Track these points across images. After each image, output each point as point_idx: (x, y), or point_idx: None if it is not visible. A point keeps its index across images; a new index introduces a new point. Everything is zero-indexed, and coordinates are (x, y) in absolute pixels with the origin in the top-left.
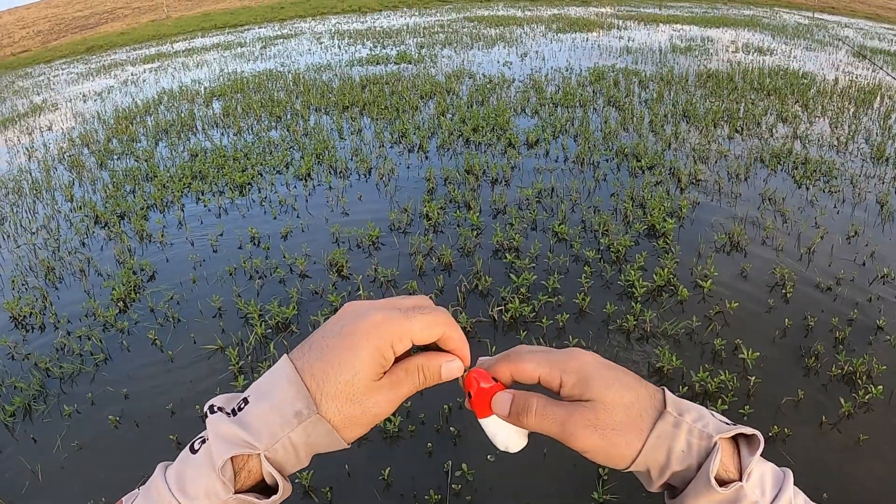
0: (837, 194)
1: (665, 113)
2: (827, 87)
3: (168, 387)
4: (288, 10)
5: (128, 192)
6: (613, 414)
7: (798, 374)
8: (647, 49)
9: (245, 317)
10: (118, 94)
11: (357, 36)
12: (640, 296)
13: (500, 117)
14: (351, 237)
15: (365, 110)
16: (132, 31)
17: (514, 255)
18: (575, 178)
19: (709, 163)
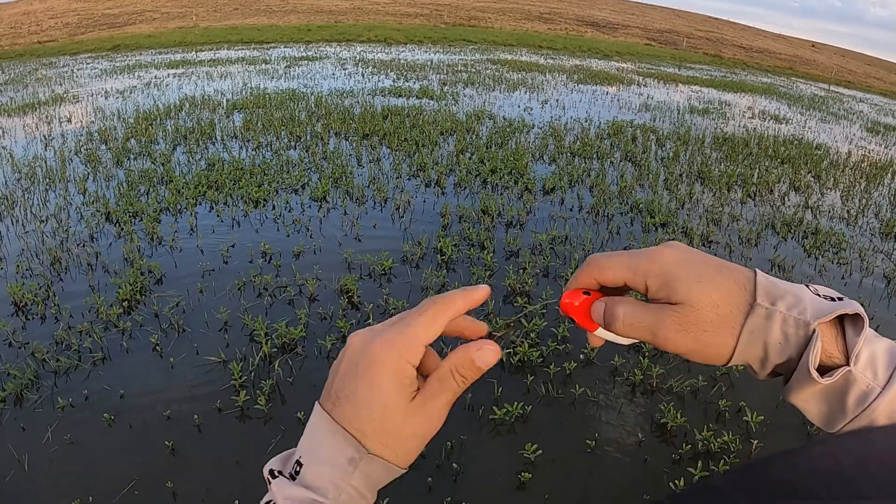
0: (846, 266)
1: (681, 172)
2: (840, 160)
3: (166, 393)
4: (314, 34)
5: (142, 192)
6: (703, 314)
7: (801, 440)
8: (665, 107)
9: (251, 333)
10: (140, 95)
11: (381, 66)
12: (648, 351)
13: (519, 161)
14: (363, 264)
15: (385, 140)
16: (159, 35)
17: (526, 299)
18: (589, 229)
19: (721, 225)
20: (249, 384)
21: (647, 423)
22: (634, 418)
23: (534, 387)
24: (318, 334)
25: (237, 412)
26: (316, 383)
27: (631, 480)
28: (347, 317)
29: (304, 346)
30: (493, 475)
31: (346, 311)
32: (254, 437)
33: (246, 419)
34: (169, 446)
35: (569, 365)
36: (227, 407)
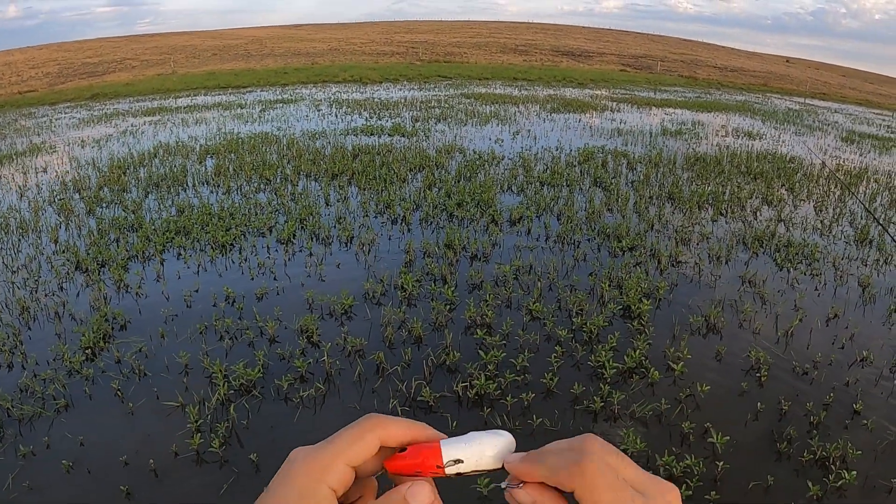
0: (819, 277)
1: (650, 195)
2: (814, 171)
3: (125, 439)
4: (291, 76)
5: (111, 240)
6: None
7: (769, 459)
8: (637, 131)
9: (210, 376)
10: (115, 144)
11: (355, 105)
12: (609, 377)
13: (486, 193)
14: (324, 304)
15: (354, 179)
16: (138, 83)
17: (486, 331)
18: (554, 257)
19: (690, 245)
20: (206, 427)
21: None
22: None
23: (491, 419)
24: (276, 375)
25: (193, 455)
26: (272, 425)
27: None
28: (306, 355)
29: (261, 388)
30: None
31: (306, 350)
32: (207, 480)
33: (202, 462)
34: (124, 491)
35: (526, 396)
36: (182, 451)
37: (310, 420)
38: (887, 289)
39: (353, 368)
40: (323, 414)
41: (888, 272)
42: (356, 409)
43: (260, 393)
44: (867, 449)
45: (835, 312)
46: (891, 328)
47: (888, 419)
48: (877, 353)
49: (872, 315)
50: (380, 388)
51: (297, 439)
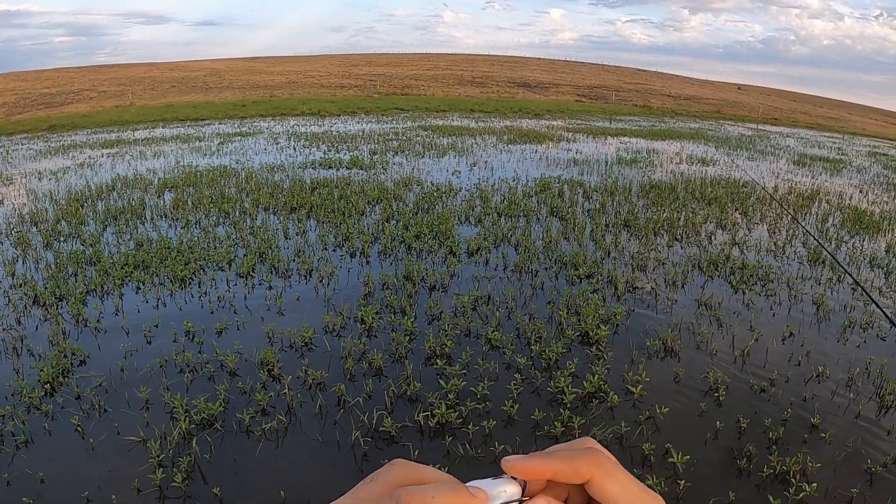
0: (774, 297)
1: (607, 223)
2: (766, 195)
3: (86, 475)
4: (249, 109)
5: (70, 274)
6: None
7: (730, 476)
8: (593, 161)
9: (171, 411)
10: (73, 176)
11: (313, 139)
12: (569, 402)
13: (444, 225)
14: (284, 337)
15: (312, 213)
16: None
17: (446, 361)
18: (512, 286)
19: (647, 270)
20: (168, 462)
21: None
22: None
23: (453, 448)
24: (237, 408)
25: (156, 491)
26: (235, 458)
27: None
28: (267, 389)
29: (223, 422)
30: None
31: (266, 383)
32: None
33: (164, 498)
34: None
35: (487, 423)
36: (145, 486)
37: (272, 453)
38: (841, 305)
39: (315, 401)
40: (285, 447)
41: (841, 290)
42: (318, 440)
43: (222, 426)
44: (826, 461)
45: (790, 331)
46: (845, 343)
47: (846, 432)
48: (832, 368)
49: (827, 332)
50: (341, 420)
51: (260, 472)
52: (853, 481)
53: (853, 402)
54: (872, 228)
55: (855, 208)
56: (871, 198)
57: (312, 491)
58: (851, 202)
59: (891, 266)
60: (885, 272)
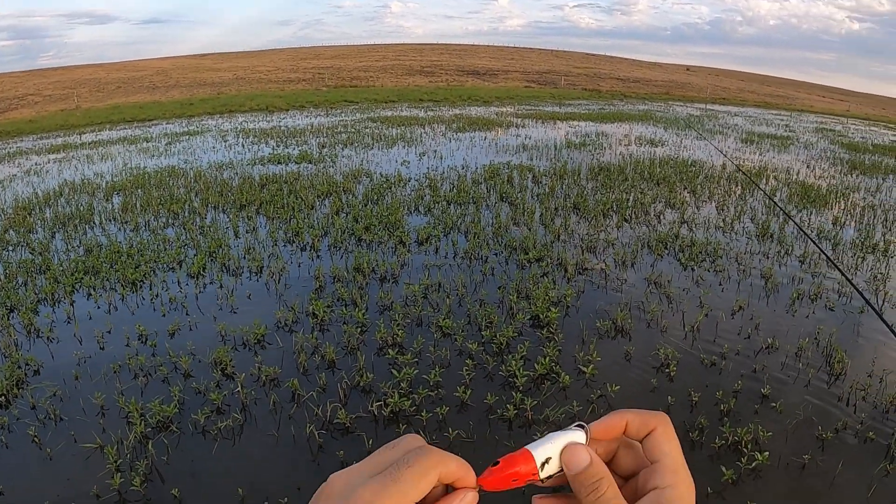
0: (723, 273)
1: (556, 206)
2: (715, 173)
3: (46, 485)
4: (197, 107)
5: (20, 283)
6: None
7: (683, 449)
8: (542, 145)
9: (126, 415)
10: (20, 184)
11: (262, 135)
12: (521, 385)
13: (393, 215)
14: (237, 335)
15: (262, 209)
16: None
17: (398, 350)
18: (463, 273)
19: (596, 252)
20: (126, 467)
21: None
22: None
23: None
24: (192, 409)
25: (115, 496)
26: (192, 459)
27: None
28: (221, 388)
29: (178, 424)
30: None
31: (220, 382)
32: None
33: (124, 502)
34: None
35: (441, 410)
36: (104, 492)
37: (229, 451)
38: (789, 278)
39: (269, 397)
40: (241, 444)
41: (789, 262)
42: (274, 436)
43: (177, 428)
44: (778, 430)
45: (739, 305)
46: (794, 315)
47: (797, 401)
48: (782, 339)
49: (776, 304)
50: (296, 415)
51: (218, 471)
52: (805, 448)
53: (803, 372)
54: (819, 202)
55: (802, 183)
56: (818, 172)
57: (270, 486)
58: (799, 177)
59: (838, 238)
60: (832, 244)
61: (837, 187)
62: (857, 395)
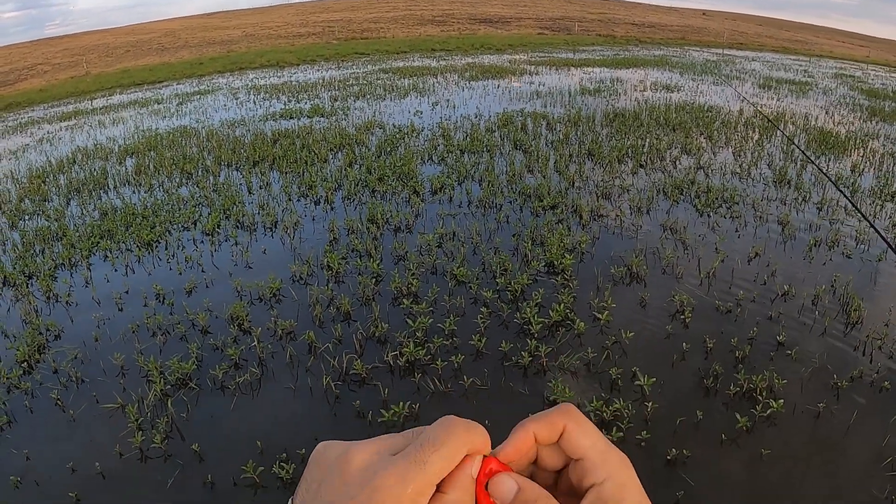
0: (739, 219)
1: (570, 153)
2: (731, 119)
3: (69, 446)
4: (206, 66)
5: (37, 252)
6: None
7: (697, 396)
8: (556, 92)
9: (146, 374)
10: (33, 153)
11: (273, 91)
12: (536, 332)
13: (406, 166)
14: (253, 290)
15: (275, 165)
16: (51, 88)
17: (412, 300)
18: (477, 222)
19: (611, 198)
20: (147, 425)
21: (539, 403)
22: (525, 401)
23: (423, 384)
24: (211, 365)
25: (137, 454)
26: (211, 414)
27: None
28: (238, 343)
29: (197, 380)
30: None
31: (238, 337)
32: (153, 476)
33: (146, 459)
34: (74, 497)
35: (456, 358)
36: (126, 450)
37: (247, 405)
38: (806, 225)
39: (285, 350)
40: (259, 398)
41: (806, 209)
42: (291, 388)
43: (196, 385)
44: (793, 378)
45: (755, 251)
46: (811, 262)
47: (812, 348)
48: (798, 286)
49: (793, 251)
50: (313, 367)
51: (237, 425)
52: (820, 396)
53: (819, 320)
54: (838, 149)
55: (821, 129)
56: (836, 118)
57: (288, 438)
58: (817, 123)
59: (856, 185)
60: (851, 191)
61: (857, 134)
62: (874, 344)
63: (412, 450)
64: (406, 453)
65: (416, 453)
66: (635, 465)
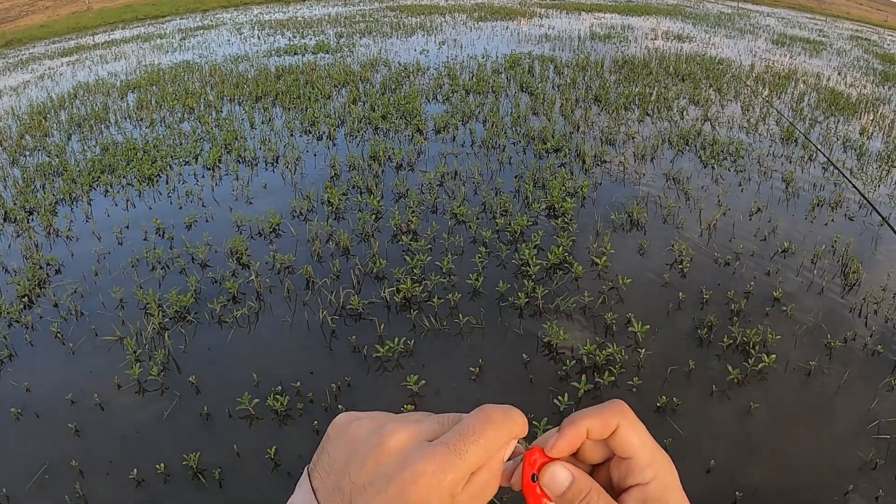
0: (743, 173)
1: (577, 98)
2: (742, 73)
3: (69, 378)
4: (211, 1)
5: (38, 187)
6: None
7: (691, 345)
8: (566, 36)
9: (145, 307)
10: (34, 89)
11: (278, 26)
12: (534, 274)
13: (411, 104)
14: (252, 225)
15: (277, 100)
16: (53, 24)
17: (412, 237)
18: (479, 162)
19: (616, 144)
20: (145, 357)
21: (533, 344)
22: (520, 341)
23: (418, 321)
24: (209, 298)
25: (135, 386)
26: (209, 347)
27: (516, 402)
28: (237, 276)
29: (195, 313)
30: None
31: (236, 271)
32: (150, 407)
33: (143, 391)
34: (73, 428)
35: (453, 296)
36: (124, 382)
37: (244, 338)
38: (811, 184)
39: (283, 284)
40: (256, 332)
41: (812, 169)
42: (288, 322)
43: (194, 318)
44: (787, 335)
45: (758, 207)
46: (813, 221)
47: (808, 307)
48: (798, 244)
49: (795, 209)
50: (310, 301)
51: (233, 358)
52: (813, 355)
53: (817, 279)
54: (848, 111)
55: (832, 90)
56: (848, 80)
57: (284, 370)
58: (829, 83)
59: (863, 148)
60: (857, 154)
61: (868, 97)
62: (870, 307)
63: (452, 439)
64: (445, 442)
65: (456, 443)
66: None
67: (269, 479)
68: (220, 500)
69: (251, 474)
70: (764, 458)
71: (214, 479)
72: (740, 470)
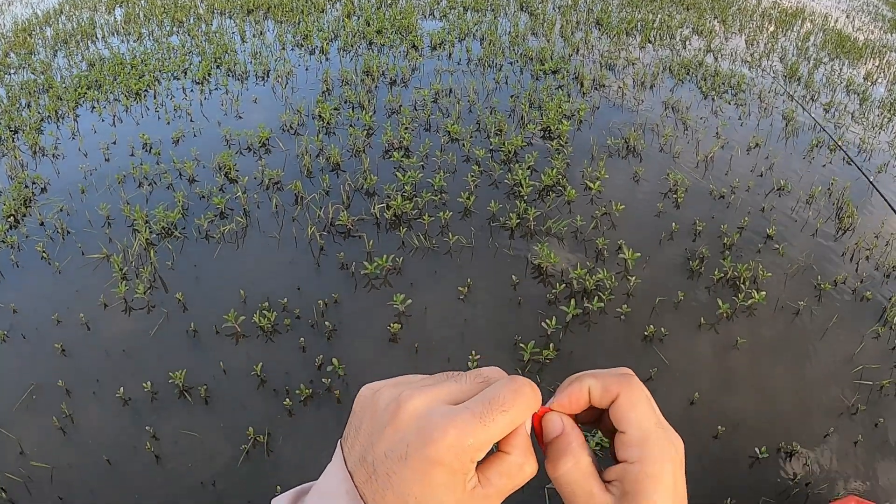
0: (743, 107)
1: (578, 20)
2: (749, 6)
3: (55, 298)
4: None
5: (23, 105)
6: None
7: (681, 277)
8: None
9: (131, 224)
10: (18, 5)
11: None
12: (526, 195)
13: (407, 19)
14: (241, 139)
15: (269, 13)
16: None
17: (403, 154)
18: (475, 80)
19: (615, 69)
20: (132, 274)
21: (523, 265)
22: (509, 262)
23: (408, 239)
24: (196, 214)
25: (121, 304)
26: (195, 263)
27: (504, 323)
28: (225, 192)
29: (182, 229)
30: (365, 329)
31: (224, 186)
32: (137, 325)
33: (130, 310)
34: (59, 348)
35: (444, 215)
36: (111, 301)
37: (231, 254)
38: (811, 124)
39: (272, 200)
40: (244, 247)
41: (814, 108)
42: (275, 238)
43: (181, 233)
44: (778, 273)
45: (756, 142)
46: (811, 162)
47: (800, 247)
48: (795, 183)
49: (794, 148)
50: (298, 217)
51: (221, 274)
52: (802, 295)
53: (811, 220)
54: (854, 54)
55: (839, 32)
56: (856, 24)
57: (271, 286)
58: (836, 25)
59: (867, 93)
60: (860, 99)
61: (875, 43)
62: (862, 253)
63: (478, 406)
64: (471, 408)
65: (483, 411)
66: (613, 336)
67: (255, 395)
68: (207, 417)
69: (237, 391)
70: (747, 395)
71: (200, 397)
72: (723, 404)
